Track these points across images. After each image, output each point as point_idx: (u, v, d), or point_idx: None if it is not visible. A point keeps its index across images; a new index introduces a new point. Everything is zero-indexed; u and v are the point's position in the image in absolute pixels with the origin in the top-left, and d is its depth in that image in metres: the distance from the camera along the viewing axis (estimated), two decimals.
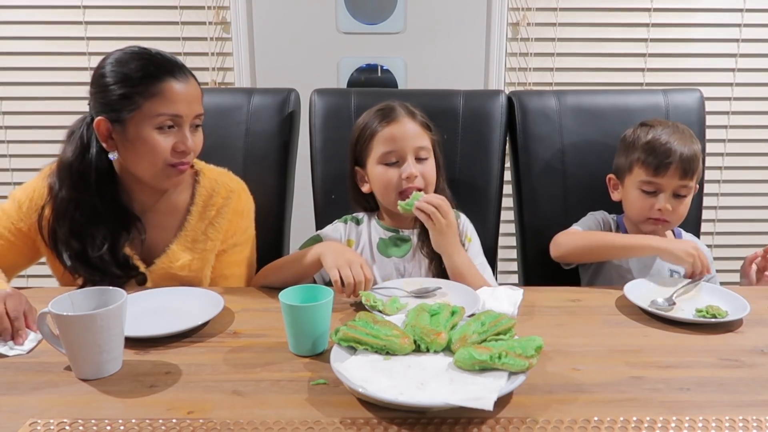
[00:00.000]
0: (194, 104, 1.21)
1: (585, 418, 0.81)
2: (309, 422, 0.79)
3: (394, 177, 1.32)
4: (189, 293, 1.17)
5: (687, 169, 1.34)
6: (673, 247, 1.28)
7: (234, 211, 1.34)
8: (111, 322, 0.90)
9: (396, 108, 1.36)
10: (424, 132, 1.35)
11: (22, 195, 1.27)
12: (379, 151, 1.33)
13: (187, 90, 1.19)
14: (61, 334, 0.90)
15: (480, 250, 1.44)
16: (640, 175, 1.38)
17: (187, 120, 1.20)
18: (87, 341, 0.88)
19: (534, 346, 0.87)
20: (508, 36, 2.28)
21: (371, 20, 2.25)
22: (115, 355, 0.92)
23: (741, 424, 0.80)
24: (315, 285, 1.01)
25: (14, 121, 2.33)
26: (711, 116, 1.80)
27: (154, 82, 1.16)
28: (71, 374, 0.91)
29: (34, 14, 2.24)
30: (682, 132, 1.39)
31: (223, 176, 1.37)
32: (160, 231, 1.29)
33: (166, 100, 1.17)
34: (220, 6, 2.24)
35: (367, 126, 1.36)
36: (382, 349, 0.91)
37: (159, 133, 1.18)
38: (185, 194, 1.32)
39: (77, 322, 0.88)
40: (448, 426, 0.79)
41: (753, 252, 1.40)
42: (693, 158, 1.35)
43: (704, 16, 2.29)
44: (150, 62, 1.18)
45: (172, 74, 1.18)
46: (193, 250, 1.29)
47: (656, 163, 1.35)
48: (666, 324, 1.10)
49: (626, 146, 1.43)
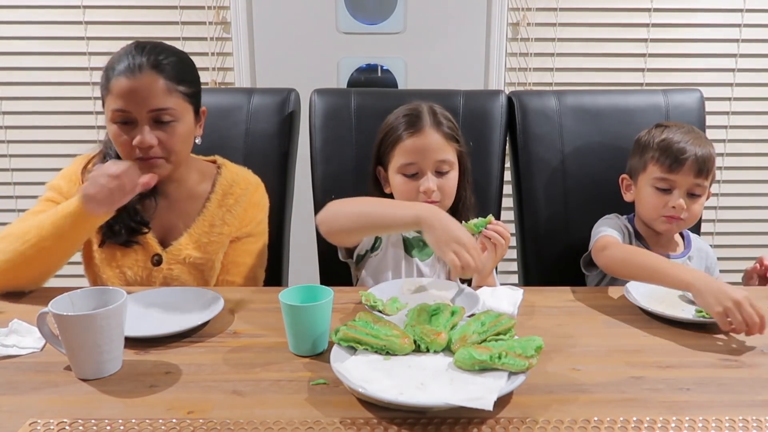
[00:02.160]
0: (148, 99, 1.18)
1: (585, 418, 0.81)
2: (309, 422, 0.79)
3: (412, 190, 1.30)
4: (189, 293, 1.17)
5: (701, 168, 1.34)
6: (705, 289, 1.06)
7: (251, 202, 1.38)
8: (111, 322, 0.90)
9: (423, 116, 1.32)
10: (449, 144, 1.32)
11: (60, 180, 1.30)
12: (399, 161, 1.31)
13: (135, 85, 1.17)
14: (61, 334, 0.90)
15: None
16: (654, 172, 1.38)
17: (140, 116, 1.19)
18: (87, 341, 0.88)
19: (534, 346, 0.87)
20: (508, 36, 2.29)
21: (371, 20, 2.25)
22: (115, 355, 0.92)
23: (741, 424, 0.80)
24: (315, 285, 1.01)
25: (14, 121, 2.33)
26: (711, 116, 1.81)
27: (110, 76, 1.19)
28: (71, 374, 0.91)
29: (34, 14, 2.24)
30: (697, 134, 1.39)
31: (243, 171, 1.42)
32: (179, 216, 1.33)
33: (114, 95, 1.18)
34: (220, 6, 2.24)
35: (393, 130, 1.33)
36: (382, 349, 0.91)
37: (118, 128, 1.20)
38: (206, 184, 1.37)
39: (77, 322, 0.88)
40: (448, 426, 0.79)
41: (752, 263, 1.40)
42: (708, 158, 1.35)
43: (704, 16, 2.29)
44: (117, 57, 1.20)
45: (123, 70, 1.18)
46: (209, 233, 1.32)
47: (671, 159, 1.35)
48: (666, 324, 1.10)
49: (641, 146, 1.42)
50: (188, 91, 1.25)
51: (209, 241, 1.32)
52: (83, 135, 2.32)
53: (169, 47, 1.25)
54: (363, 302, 1.12)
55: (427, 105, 1.36)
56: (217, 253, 1.33)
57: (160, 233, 1.32)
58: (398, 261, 1.37)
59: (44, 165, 2.34)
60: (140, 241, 1.29)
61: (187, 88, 1.25)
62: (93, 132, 2.32)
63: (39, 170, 2.35)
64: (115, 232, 1.27)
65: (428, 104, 1.36)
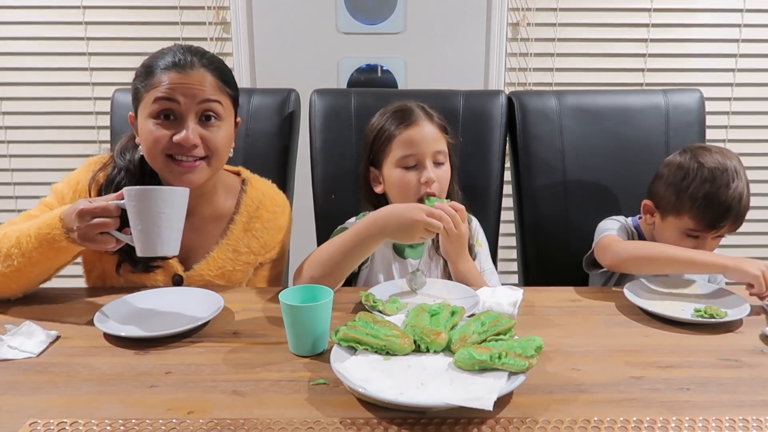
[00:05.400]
0: (200, 91, 1.15)
1: (585, 418, 0.81)
2: (309, 422, 0.79)
3: (413, 181, 1.30)
4: (189, 293, 1.17)
5: (736, 222, 1.31)
6: (744, 265, 1.16)
7: (278, 227, 1.34)
8: (178, 202, 1.03)
9: (414, 110, 1.33)
10: (442, 135, 1.33)
11: (64, 187, 1.25)
12: (397, 155, 1.31)
13: (186, 77, 1.15)
14: (138, 210, 0.99)
15: (488, 256, 1.44)
16: (688, 224, 1.32)
17: (188, 109, 1.15)
18: (163, 215, 1.00)
19: (534, 346, 0.87)
20: (508, 36, 2.29)
21: (371, 20, 2.25)
22: (177, 237, 1.03)
23: (741, 424, 0.80)
24: (315, 285, 1.01)
25: (14, 121, 2.34)
26: (711, 116, 1.81)
27: (153, 72, 1.15)
28: (71, 374, 0.91)
29: (34, 14, 2.24)
30: (737, 173, 1.30)
31: (269, 189, 1.37)
32: (202, 236, 1.28)
33: (160, 88, 1.14)
34: (220, 6, 2.25)
35: (385, 128, 1.33)
36: (382, 349, 0.91)
37: (155, 123, 1.15)
38: (230, 202, 1.31)
39: (156, 194, 1.00)
40: (448, 426, 0.79)
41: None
42: (745, 210, 1.31)
43: (704, 16, 2.29)
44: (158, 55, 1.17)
45: (171, 64, 1.15)
46: (234, 261, 1.28)
47: (710, 221, 1.30)
48: (666, 324, 1.10)
49: (677, 187, 1.32)
50: (233, 95, 1.23)
51: (234, 269, 1.28)
52: (83, 135, 2.33)
53: (210, 52, 1.23)
54: (363, 302, 1.12)
55: (413, 102, 1.36)
56: (241, 281, 1.30)
57: (182, 253, 1.21)
58: (388, 265, 1.37)
59: (44, 165, 2.34)
60: (161, 265, 1.24)
61: (233, 92, 1.23)
62: (93, 132, 2.32)
63: (39, 170, 2.35)
64: (136, 262, 1.22)
65: (414, 102, 1.37)
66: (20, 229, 1.11)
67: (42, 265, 1.11)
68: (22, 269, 1.10)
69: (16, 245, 1.09)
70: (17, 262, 1.09)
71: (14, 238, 1.10)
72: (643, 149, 1.56)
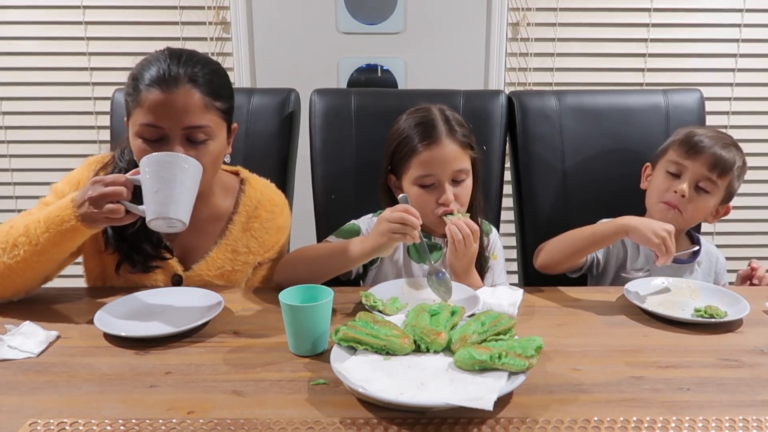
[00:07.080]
0: (183, 116, 1.10)
1: (585, 418, 0.81)
2: (309, 422, 0.79)
3: (430, 201, 1.28)
4: (189, 293, 1.17)
5: (717, 164, 1.33)
6: (642, 225, 1.20)
7: (277, 227, 1.33)
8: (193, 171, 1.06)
9: (437, 124, 1.28)
10: (464, 152, 1.29)
11: (64, 186, 1.24)
12: (415, 173, 1.28)
13: (170, 99, 1.09)
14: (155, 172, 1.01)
15: (504, 269, 1.43)
16: (670, 156, 1.38)
17: (172, 132, 1.11)
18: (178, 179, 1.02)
19: (534, 346, 0.87)
20: (508, 36, 2.29)
21: (371, 20, 2.25)
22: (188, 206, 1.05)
23: (741, 424, 0.80)
24: (315, 285, 1.01)
25: (14, 121, 2.34)
26: (711, 116, 1.80)
27: (139, 86, 1.10)
28: (71, 374, 0.91)
29: (34, 14, 2.24)
30: (729, 140, 1.38)
31: (268, 189, 1.36)
32: (200, 236, 1.27)
33: (145, 109, 1.10)
34: (220, 6, 2.25)
35: (407, 141, 1.29)
36: (382, 349, 0.91)
37: (145, 144, 1.12)
38: (228, 202, 1.31)
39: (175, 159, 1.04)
40: (448, 426, 0.79)
41: (745, 263, 1.40)
42: (728, 160, 1.33)
43: (704, 16, 2.29)
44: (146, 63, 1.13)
45: (156, 80, 1.09)
46: (233, 261, 1.28)
47: (689, 146, 1.35)
48: (666, 324, 1.10)
49: (671, 139, 1.43)
50: (224, 107, 1.17)
51: (233, 269, 1.27)
52: (83, 135, 2.33)
53: (204, 57, 1.17)
54: (363, 302, 1.12)
55: (438, 110, 1.31)
56: (240, 282, 1.30)
57: (181, 253, 1.26)
58: (399, 269, 1.37)
59: (44, 165, 2.34)
60: (161, 265, 1.24)
61: (224, 104, 1.17)
62: (93, 132, 2.32)
63: (39, 170, 2.35)
64: (135, 262, 1.22)
65: (439, 108, 1.32)
66: (30, 219, 1.11)
67: (47, 253, 1.09)
68: (27, 258, 1.09)
69: (25, 233, 1.09)
70: (23, 250, 1.08)
71: (23, 226, 1.10)
72: (643, 149, 1.56)
